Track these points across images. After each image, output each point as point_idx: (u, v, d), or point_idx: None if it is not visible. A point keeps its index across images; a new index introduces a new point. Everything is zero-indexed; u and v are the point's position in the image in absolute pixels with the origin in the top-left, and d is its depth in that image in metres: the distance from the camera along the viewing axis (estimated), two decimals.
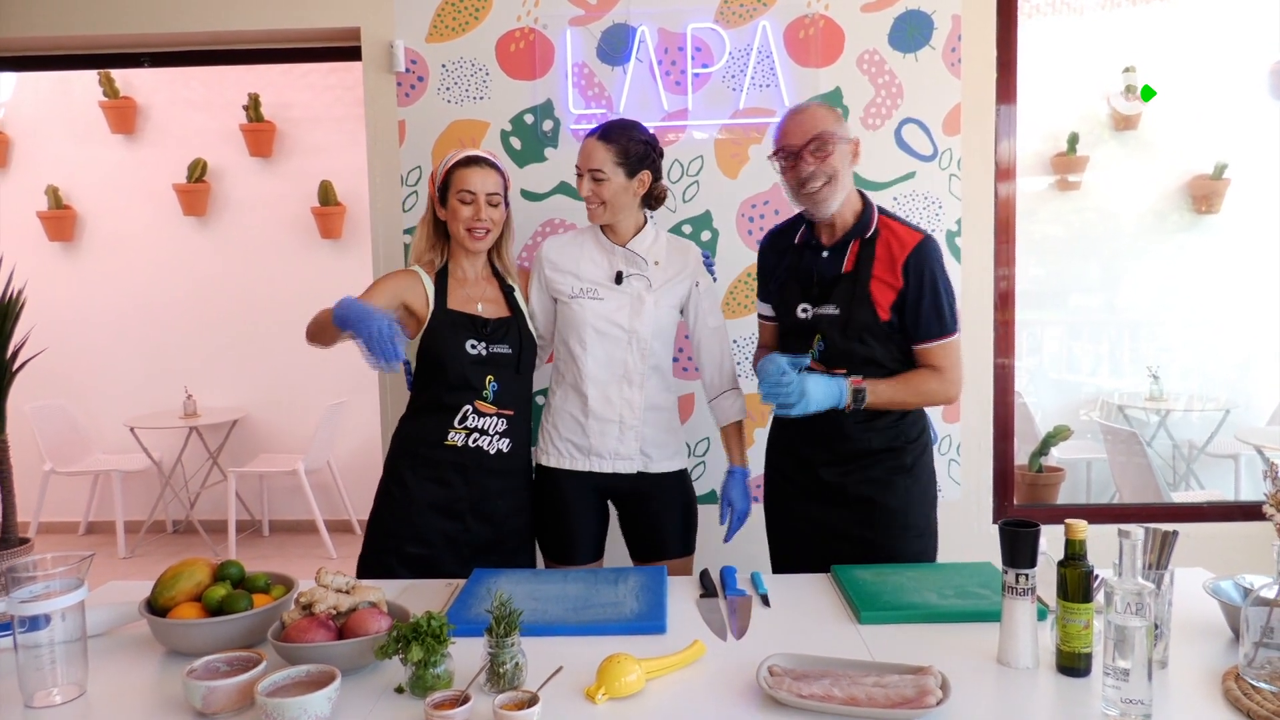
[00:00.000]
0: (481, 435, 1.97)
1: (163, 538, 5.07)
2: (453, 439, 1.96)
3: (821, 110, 1.86)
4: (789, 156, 1.85)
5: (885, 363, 1.87)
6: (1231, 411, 4.27)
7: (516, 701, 1.16)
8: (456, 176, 1.98)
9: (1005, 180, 2.82)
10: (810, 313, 1.90)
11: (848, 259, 1.89)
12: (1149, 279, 4.65)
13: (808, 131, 1.82)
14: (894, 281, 1.84)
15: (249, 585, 1.50)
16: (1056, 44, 4.27)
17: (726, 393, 2.16)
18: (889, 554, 1.88)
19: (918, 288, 1.83)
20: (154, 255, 5.02)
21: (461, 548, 1.97)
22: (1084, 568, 1.25)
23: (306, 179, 4.93)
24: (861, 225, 1.89)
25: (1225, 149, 4.32)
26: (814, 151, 1.81)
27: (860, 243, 1.88)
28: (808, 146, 1.82)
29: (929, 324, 1.85)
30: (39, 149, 5.00)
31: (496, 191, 2.00)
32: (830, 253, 1.91)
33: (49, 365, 4.26)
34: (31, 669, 1.25)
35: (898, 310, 1.84)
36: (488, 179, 1.98)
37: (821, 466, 1.94)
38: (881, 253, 1.86)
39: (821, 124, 1.83)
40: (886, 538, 1.90)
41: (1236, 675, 1.23)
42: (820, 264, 1.92)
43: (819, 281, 1.91)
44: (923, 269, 1.83)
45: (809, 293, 1.91)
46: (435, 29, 2.74)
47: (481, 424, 1.97)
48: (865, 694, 1.18)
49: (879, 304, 1.84)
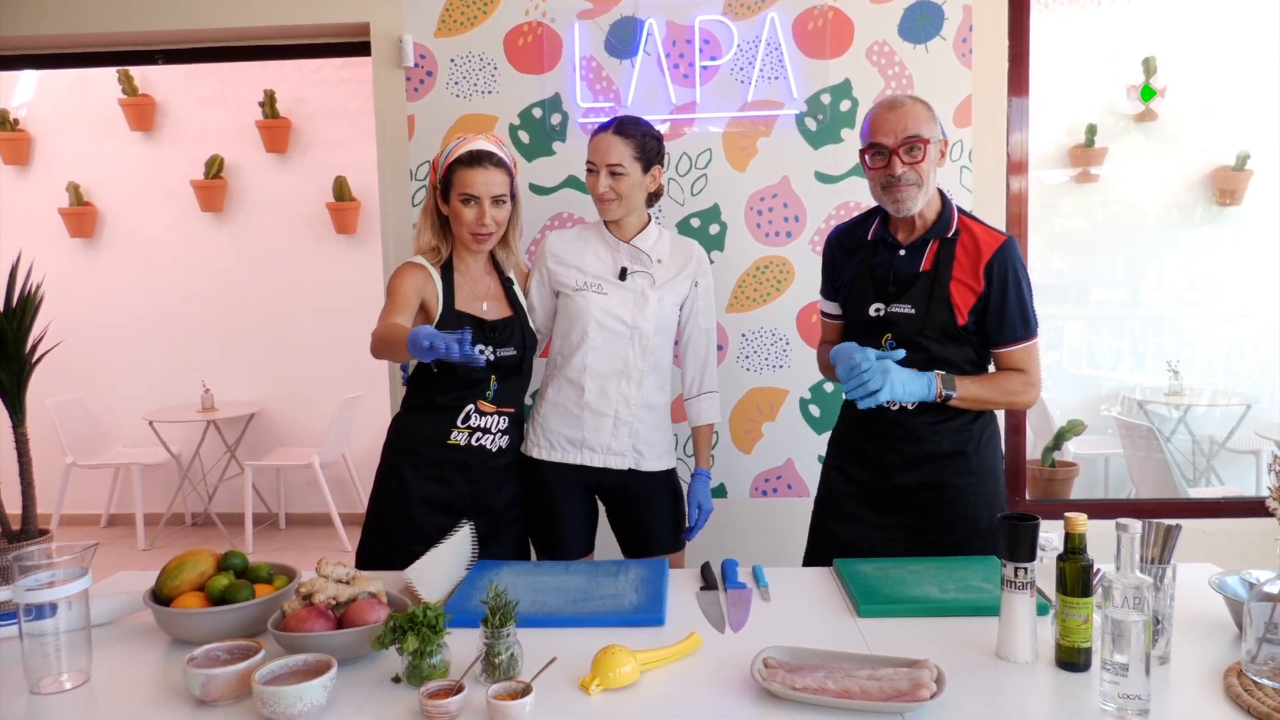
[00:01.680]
0: (485, 434, 1.97)
1: (181, 530, 5.14)
2: (456, 438, 1.96)
3: (918, 107, 1.77)
4: (880, 154, 1.78)
5: (958, 363, 1.82)
6: (1253, 407, 4.21)
7: (510, 691, 1.16)
8: (459, 177, 1.91)
9: (1017, 173, 2.79)
10: (883, 311, 1.85)
11: (926, 258, 1.83)
12: (1170, 272, 4.58)
13: (902, 131, 1.75)
14: (975, 285, 1.79)
15: (252, 575, 1.52)
16: (1075, 35, 4.21)
17: (706, 394, 2.17)
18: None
19: (1001, 290, 1.78)
20: (172, 251, 5.08)
21: None
22: (1083, 562, 1.24)
23: (321, 174, 4.97)
24: (942, 225, 1.83)
25: (1247, 140, 4.25)
26: (907, 153, 1.75)
27: (940, 242, 1.82)
28: (902, 145, 1.75)
29: (1013, 327, 1.80)
30: (60, 146, 5.06)
31: (503, 192, 1.93)
32: (908, 251, 1.85)
33: (70, 360, 4.33)
34: (37, 656, 1.28)
35: (976, 314, 1.80)
36: (492, 180, 1.91)
37: (890, 468, 1.88)
38: (962, 254, 1.81)
39: (916, 124, 1.75)
40: (954, 541, 1.84)
41: (1239, 671, 1.22)
42: (897, 262, 1.86)
43: (895, 280, 1.84)
44: (1006, 272, 1.78)
45: (883, 290, 1.85)
46: (444, 23, 2.75)
47: (484, 423, 1.97)
48: (859, 687, 1.17)
49: (958, 307, 1.79)
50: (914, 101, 1.79)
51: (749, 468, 2.86)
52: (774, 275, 2.79)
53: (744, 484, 2.87)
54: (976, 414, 1.86)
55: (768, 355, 2.82)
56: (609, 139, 1.99)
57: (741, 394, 2.83)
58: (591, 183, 2.02)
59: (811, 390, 2.83)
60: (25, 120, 5.05)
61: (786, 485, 2.86)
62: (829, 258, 2.03)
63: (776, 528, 2.83)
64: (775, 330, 2.81)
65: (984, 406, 1.84)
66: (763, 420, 2.85)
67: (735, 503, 2.86)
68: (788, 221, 2.77)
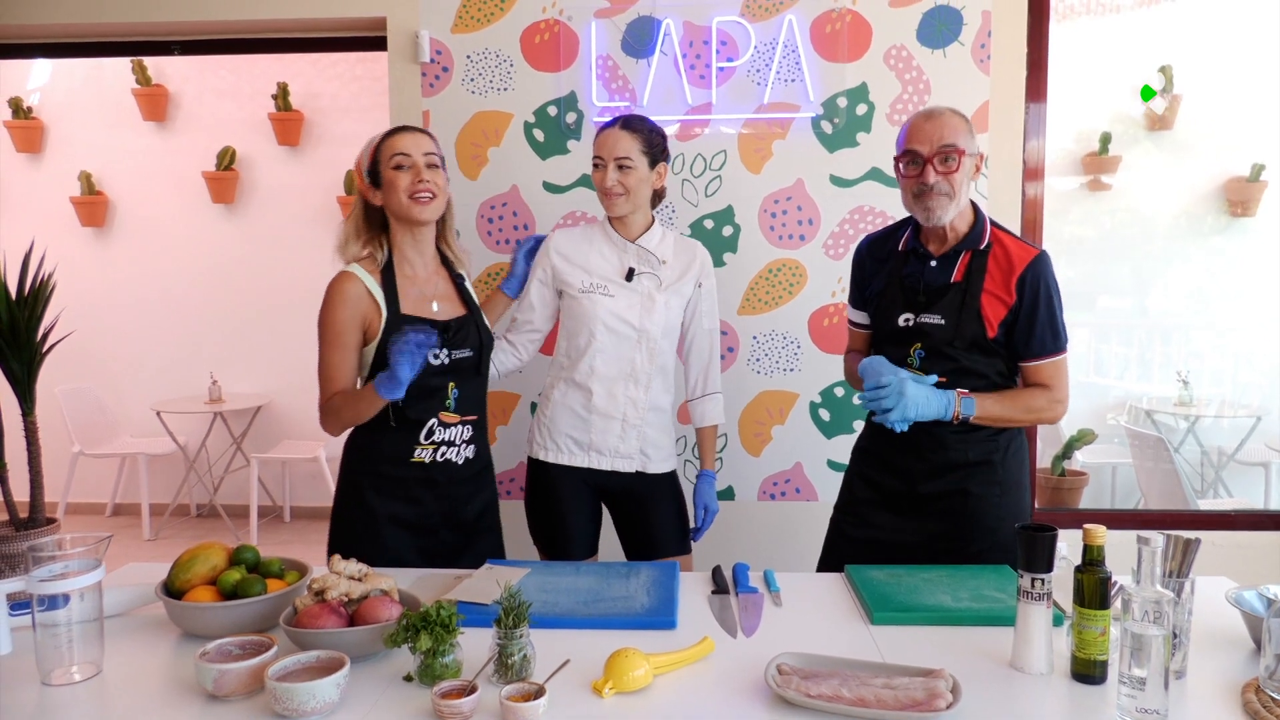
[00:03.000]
0: (449, 447, 1.87)
1: (186, 521, 5.15)
2: (420, 455, 1.85)
3: (955, 119, 1.78)
4: (914, 162, 1.79)
5: (988, 374, 1.82)
6: (1263, 419, 4.19)
7: (523, 693, 1.16)
8: (386, 145, 1.82)
9: (1033, 180, 2.78)
10: (912, 321, 1.85)
11: (958, 269, 1.83)
12: (1181, 282, 4.55)
13: (938, 140, 1.76)
14: (1006, 297, 1.79)
15: (264, 570, 1.51)
16: (1091, 43, 4.20)
17: (710, 396, 2.16)
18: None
19: (1032, 303, 1.78)
20: (183, 242, 5.08)
21: (434, 558, 1.87)
22: (1101, 574, 1.23)
23: (333, 168, 4.97)
24: (974, 237, 1.83)
25: (1262, 151, 4.23)
26: (941, 162, 1.76)
27: (972, 254, 1.82)
28: (937, 155, 1.76)
29: (1042, 340, 1.80)
30: (73, 135, 5.07)
31: (433, 151, 1.83)
32: (939, 262, 1.85)
33: (79, 349, 4.33)
34: (49, 647, 1.28)
35: (1006, 327, 1.79)
36: (420, 141, 1.82)
37: (915, 476, 1.88)
38: (994, 267, 1.80)
39: (952, 135, 1.76)
40: (976, 551, 1.83)
41: (1257, 687, 1.21)
42: (927, 272, 1.85)
43: (925, 290, 1.85)
44: (1038, 285, 1.78)
45: (913, 301, 1.85)
46: (461, 19, 2.75)
47: (448, 435, 1.87)
48: (874, 695, 1.16)
49: (989, 319, 1.79)
50: (952, 113, 1.79)
51: (758, 471, 2.85)
52: (786, 278, 2.79)
53: (752, 487, 2.86)
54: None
55: (778, 358, 2.81)
56: (616, 133, 2.00)
57: (751, 397, 2.83)
58: (598, 178, 2.02)
59: (822, 394, 2.82)
60: (38, 108, 5.05)
61: (795, 489, 2.85)
62: (859, 266, 2.02)
63: (785, 531, 2.83)
64: (786, 333, 2.80)
65: (1005, 424, 1.83)
66: (772, 424, 2.84)
67: (743, 505, 2.85)
68: (801, 225, 2.77)
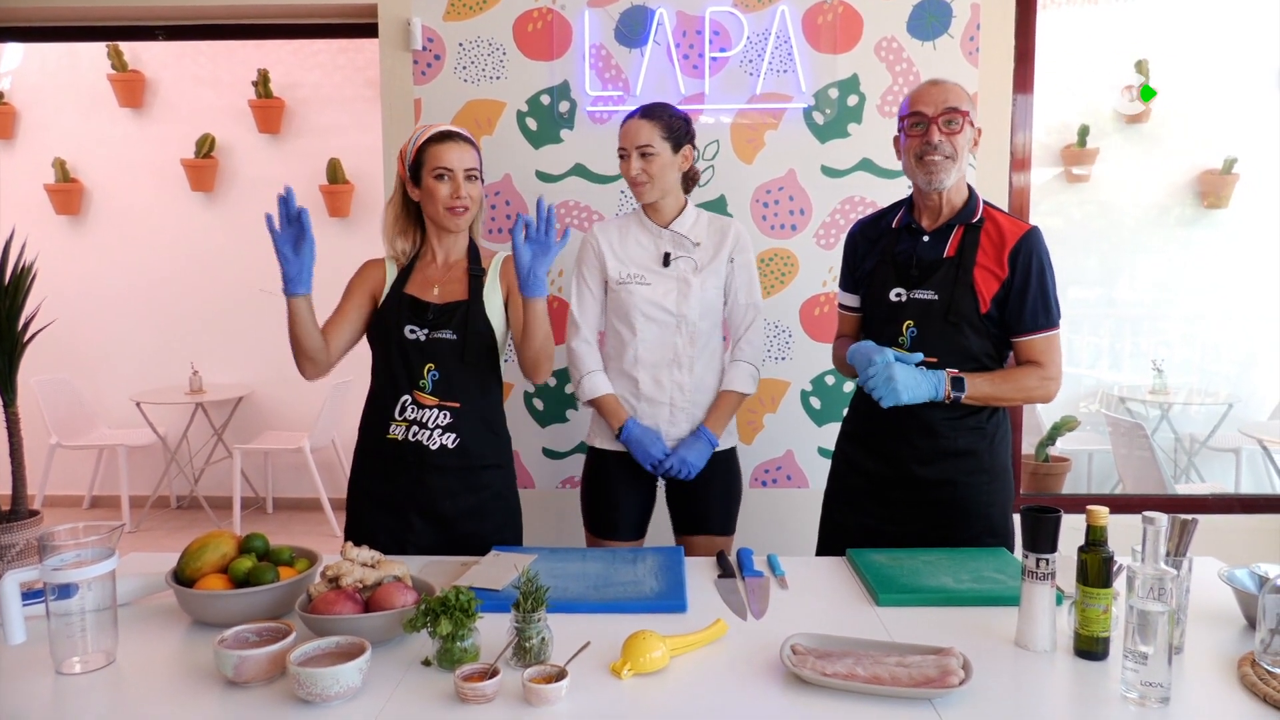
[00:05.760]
0: (420, 429, 1.86)
1: (167, 513, 5.09)
2: (394, 431, 1.87)
3: (958, 88, 1.83)
4: (919, 123, 1.82)
5: (977, 355, 1.83)
6: (1234, 406, 4.29)
7: (545, 675, 1.17)
8: (430, 153, 1.88)
9: (1020, 170, 2.82)
10: (904, 297, 1.85)
11: (950, 244, 1.84)
12: (1154, 272, 4.65)
13: (943, 102, 1.80)
14: (999, 271, 1.80)
15: (273, 558, 1.51)
16: (1070, 34, 4.26)
17: (738, 363, 2.13)
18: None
19: (1024, 277, 1.79)
20: (161, 230, 5.01)
21: (407, 548, 1.85)
22: (1104, 553, 1.27)
23: (315, 157, 4.92)
24: (967, 211, 1.86)
25: (1235, 144, 4.32)
26: (946, 123, 1.79)
27: (965, 229, 1.84)
28: (941, 116, 1.79)
29: (1034, 314, 1.81)
30: (46, 121, 4.97)
31: (474, 167, 1.90)
32: (931, 237, 1.87)
33: (55, 339, 4.26)
34: (62, 636, 1.27)
35: (999, 303, 1.81)
36: (464, 154, 1.89)
37: (904, 461, 1.88)
38: (986, 242, 1.82)
39: (956, 99, 1.80)
40: (967, 537, 1.85)
41: (1253, 661, 1.25)
42: (920, 247, 1.87)
43: (918, 265, 1.86)
44: (1031, 258, 1.80)
45: (905, 276, 1.86)
46: (453, 7, 2.73)
47: (421, 416, 1.86)
48: (888, 673, 1.19)
49: (981, 294, 1.80)
50: (956, 83, 1.84)
51: (749, 458, 2.88)
52: (778, 268, 2.81)
53: (744, 474, 2.87)
54: (991, 410, 1.88)
55: (770, 347, 2.84)
56: (636, 123, 2.02)
57: None
58: (625, 169, 2.04)
59: (813, 383, 2.85)
60: (10, 93, 4.95)
61: (786, 476, 2.89)
62: (850, 248, 2.04)
63: (777, 517, 2.86)
64: (778, 322, 2.83)
65: (997, 403, 1.86)
66: (764, 411, 2.87)
67: None
68: (793, 215, 2.79)
